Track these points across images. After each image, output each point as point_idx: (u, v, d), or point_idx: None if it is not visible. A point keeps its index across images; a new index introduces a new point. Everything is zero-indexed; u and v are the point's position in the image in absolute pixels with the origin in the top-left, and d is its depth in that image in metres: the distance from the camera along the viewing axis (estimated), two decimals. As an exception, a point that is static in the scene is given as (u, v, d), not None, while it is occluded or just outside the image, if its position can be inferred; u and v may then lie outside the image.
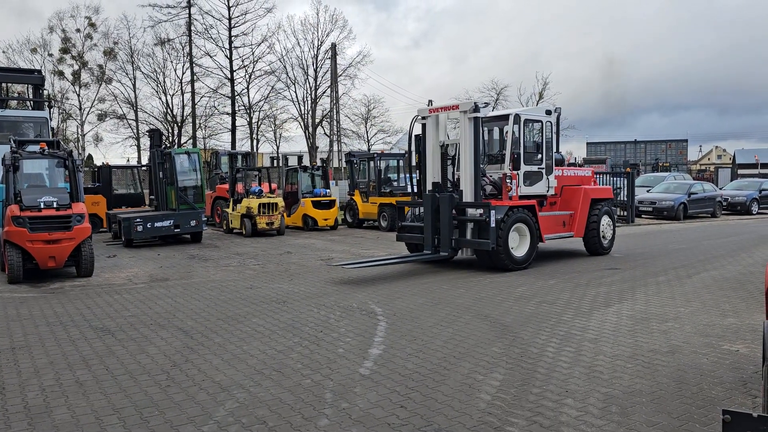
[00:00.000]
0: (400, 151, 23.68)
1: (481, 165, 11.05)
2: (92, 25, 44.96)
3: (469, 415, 4.32)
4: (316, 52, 46.75)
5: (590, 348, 5.93)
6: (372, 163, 19.47)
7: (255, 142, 47.69)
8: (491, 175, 11.66)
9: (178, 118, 45.47)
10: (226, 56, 43.14)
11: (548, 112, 11.96)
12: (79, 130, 45.74)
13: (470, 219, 10.84)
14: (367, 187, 19.50)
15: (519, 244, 10.96)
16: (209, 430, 4.14)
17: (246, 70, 44.35)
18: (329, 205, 19.04)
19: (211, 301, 8.45)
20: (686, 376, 5.08)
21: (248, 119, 46.29)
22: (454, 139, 12.30)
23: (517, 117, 11.36)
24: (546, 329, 6.65)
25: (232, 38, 42.93)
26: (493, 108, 36.98)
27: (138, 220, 14.74)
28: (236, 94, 43.92)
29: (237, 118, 44.57)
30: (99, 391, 4.92)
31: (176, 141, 44.45)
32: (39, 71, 20.40)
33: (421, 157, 11.87)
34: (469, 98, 42.27)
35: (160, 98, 45.38)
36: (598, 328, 6.67)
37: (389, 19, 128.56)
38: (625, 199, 21.54)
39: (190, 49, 43.12)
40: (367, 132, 53.48)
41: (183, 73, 44.41)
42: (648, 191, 24.74)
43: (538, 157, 11.74)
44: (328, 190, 19.67)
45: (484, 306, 7.87)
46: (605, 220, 12.87)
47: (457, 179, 11.55)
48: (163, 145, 18.24)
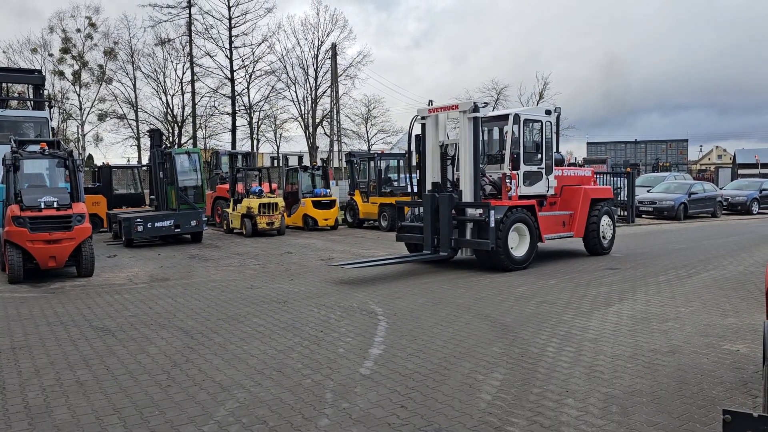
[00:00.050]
0: (400, 151, 23.68)
1: (480, 165, 11.05)
2: (92, 25, 45.00)
3: (469, 415, 4.33)
4: (316, 52, 46.87)
5: (591, 348, 5.94)
6: (372, 163, 19.48)
7: (255, 142, 47.73)
8: (491, 175, 11.65)
9: (179, 118, 45.51)
10: (227, 56, 43.25)
11: (548, 112, 11.95)
12: (80, 130, 45.84)
13: (470, 219, 10.84)
14: (367, 187, 19.50)
15: (518, 244, 10.96)
16: (210, 430, 4.15)
17: (246, 70, 44.48)
18: (329, 205, 19.04)
19: (212, 301, 8.46)
20: (687, 376, 5.08)
21: (248, 119, 46.34)
22: (453, 139, 12.29)
23: (517, 117, 11.35)
24: (546, 329, 6.65)
25: (233, 38, 43.01)
26: (493, 108, 37.19)
27: (138, 220, 14.74)
28: (236, 94, 43.98)
29: (237, 118, 44.69)
30: (99, 390, 4.92)
31: (176, 141, 44.48)
32: (39, 71, 20.44)
33: (421, 157, 11.87)
34: (470, 98, 42.23)
35: (161, 98, 45.50)
36: (599, 328, 6.67)
37: (389, 19, 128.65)
38: (626, 199, 21.53)
39: (191, 49, 43.20)
40: (367, 132, 53.55)
41: (183, 73, 44.54)
42: (648, 191, 24.74)
43: (537, 157, 11.74)
44: (328, 190, 19.67)
45: (485, 306, 7.87)
46: (605, 220, 12.86)
47: (456, 179, 11.55)
48: (164, 145, 18.26)
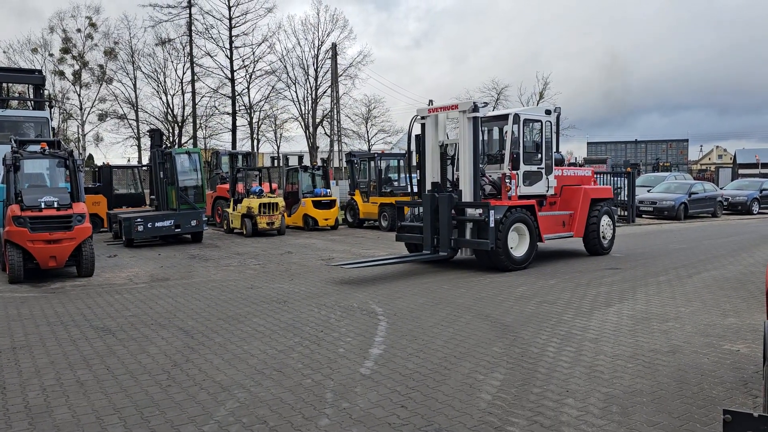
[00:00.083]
0: (400, 151, 23.67)
1: (480, 165, 11.05)
2: (93, 25, 44.97)
3: (469, 415, 4.33)
4: (316, 52, 46.83)
5: (591, 348, 5.93)
6: (372, 163, 19.48)
7: (255, 142, 47.72)
8: (490, 175, 11.65)
9: (179, 118, 45.48)
10: (227, 56, 43.23)
11: (548, 112, 11.94)
12: (80, 129, 45.81)
13: (469, 219, 10.84)
14: (367, 187, 19.50)
15: (518, 244, 10.96)
16: (210, 430, 4.15)
17: (246, 70, 44.47)
18: (330, 205, 19.04)
19: (212, 300, 8.46)
20: (687, 376, 5.08)
21: (249, 119, 46.32)
22: (453, 139, 12.30)
23: (517, 117, 11.35)
24: (546, 329, 6.65)
25: (233, 38, 42.99)
26: (493, 108, 37.22)
27: (139, 219, 14.75)
28: (237, 94, 43.97)
29: (237, 118, 44.67)
30: (100, 390, 4.92)
31: (177, 141, 44.47)
32: (40, 71, 20.43)
33: (421, 157, 11.87)
34: (470, 98, 42.23)
35: (161, 98, 45.46)
36: (599, 328, 6.67)
37: (390, 19, 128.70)
38: (626, 199, 21.53)
39: (191, 49, 43.18)
40: (367, 132, 53.52)
41: (183, 73, 44.51)
42: (648, 191, 24.74)
43: (537, 157, 11.73)
44: (328, 190, 19.67)
45: (485, 306, 7.87)
46: (605, 220, 12.86)
47: (456, 179, 11.54)
48: (164, 145, 18.26)
